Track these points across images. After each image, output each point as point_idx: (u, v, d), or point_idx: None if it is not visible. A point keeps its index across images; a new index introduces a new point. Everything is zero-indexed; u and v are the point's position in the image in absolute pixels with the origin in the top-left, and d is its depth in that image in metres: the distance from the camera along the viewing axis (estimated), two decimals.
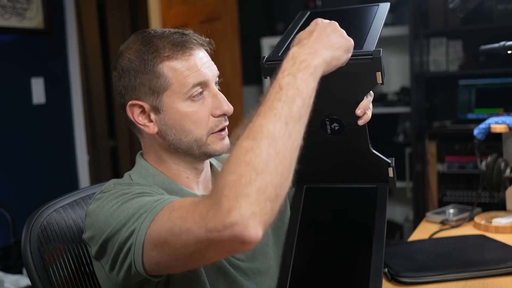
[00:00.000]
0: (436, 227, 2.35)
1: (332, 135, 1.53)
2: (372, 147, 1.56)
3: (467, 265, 1.81)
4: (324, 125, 1.53)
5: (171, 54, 1.42)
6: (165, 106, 1.44)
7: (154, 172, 1.51)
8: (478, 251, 1.95)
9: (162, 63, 1.42)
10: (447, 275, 1.75)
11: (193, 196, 1.49)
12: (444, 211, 2.48)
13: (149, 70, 1.43)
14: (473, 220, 2.36)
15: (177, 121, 1.45)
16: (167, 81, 1.42)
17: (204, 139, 1.46)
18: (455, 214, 2.43)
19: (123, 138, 6.45)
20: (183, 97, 1.43)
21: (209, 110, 1.46)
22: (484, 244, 2.02)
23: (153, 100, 1.45)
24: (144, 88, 1.44)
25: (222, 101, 1.47)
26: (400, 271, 1.78)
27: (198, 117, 1.44)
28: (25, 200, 3.69)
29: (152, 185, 1.43)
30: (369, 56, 1.36)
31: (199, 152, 1.48)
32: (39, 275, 1.48)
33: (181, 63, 1.43)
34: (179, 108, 1.44)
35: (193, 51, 1.44)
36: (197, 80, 1.43)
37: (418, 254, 1.95)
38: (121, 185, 1.39)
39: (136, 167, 1.55)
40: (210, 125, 1.46)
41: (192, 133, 1.45)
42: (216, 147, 1.48)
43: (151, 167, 1.53)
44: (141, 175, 1.51)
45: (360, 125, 1.48)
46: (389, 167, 1.58)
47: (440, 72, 4.14)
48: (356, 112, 1.46)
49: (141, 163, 1.55)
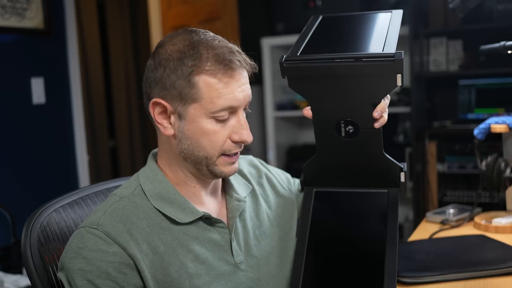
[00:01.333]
0: (436, 227, 2.35)
1: (346, 138, 1.52)
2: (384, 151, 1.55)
3: (467, 265, 1.81)
4: (339, 128, 1.51)
5: (212, 70, 1.39)
6: (188, 116, 1.42)
7: (161, 179, 1.51)
8: (478, 251, 1.95)
9: (200, 74, 1.39)
10: (447, 275, 1.75)
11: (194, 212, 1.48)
12: (444, 211, 2.48)
13: (185, 76, 1.40)
14: (473, 220, 2.35)
15: (195, 134, 1.43)
16: (198, 94, 1.40)
17: (214, 159, 1.45)
18: (455, 214, 2.43)
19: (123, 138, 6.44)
20: (208, 115, 1.41)
21: (229, 133, 1.44)
22: (484, 244, 2.02)
23: (179, 106, 1.42)
24: (174, 92, 1.42)
25: (244, 129, 1.44)
26: (400, 271, 1.77)
27: (216, 137, 1.43)
28: (25, 200, 3.69)
29: (142, 242, 1.40)
30: (391, 58, 1.36)
31: (206, 170, 1.47)
32: (39, 275, 1.48)
33: (218, 82, 1.39)
34: (201, 123, 1.42)
35: (234, 73, 1.40)
36: (227, 104, 1.40)
37: (418, 254, 1.95)
38: (99, 238, 1.37)
39: (146, 168, 1.55)
40: (225, 148, 1.44)
41: (205, 150, 1.44)
42: (224, 169, 1.47)
43: (160, 172, 1.52)
44: (149, 179, 1.51)
45: (376, 128, 1.47)
46: (401, 172, 1.57)
47: (440, 72, 4.13)
48: (373, 115, 1.45)
49: (152, 166, 1.54)
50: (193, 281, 1.42)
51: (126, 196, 1.47)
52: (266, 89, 4.73)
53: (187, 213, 1.47)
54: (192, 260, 1.44)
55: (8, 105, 3.65)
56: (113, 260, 1.34)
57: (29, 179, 3.79)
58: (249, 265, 1.54)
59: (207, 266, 1.46)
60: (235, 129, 1.44)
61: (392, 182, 1.58)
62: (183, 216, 1.46)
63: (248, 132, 1.45)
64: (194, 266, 1.43)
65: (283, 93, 4.90)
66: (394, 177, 1.57)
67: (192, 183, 1.52)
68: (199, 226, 1.49)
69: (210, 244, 1.49)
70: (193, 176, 1.51)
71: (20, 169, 3.73)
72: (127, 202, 1.45)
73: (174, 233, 1.44)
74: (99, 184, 1.78)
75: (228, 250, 1.51)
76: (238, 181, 1.65)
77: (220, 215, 1.55)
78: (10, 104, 3.67)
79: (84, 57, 5.94)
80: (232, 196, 1.58)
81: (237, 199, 1.58)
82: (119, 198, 1.46)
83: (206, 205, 1.54)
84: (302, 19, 4.51)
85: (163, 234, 1.43)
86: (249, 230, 1.59)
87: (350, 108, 1.48)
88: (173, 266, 1.40)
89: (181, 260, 1.42)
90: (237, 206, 1.57)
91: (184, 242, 1.45)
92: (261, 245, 1.60)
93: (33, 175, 3.82)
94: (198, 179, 1.52)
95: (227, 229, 1.53)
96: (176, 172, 1.52)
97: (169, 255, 1.41)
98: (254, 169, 1.75)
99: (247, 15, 4.70)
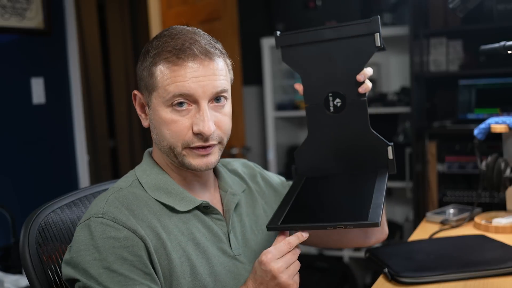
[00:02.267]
0: (436, 227, 2.35)
1: (334, 113, 1.65)
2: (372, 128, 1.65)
3: (467, 265, 1.80)
4: (327, 101, 1.65)
5: (168, 57, 1.42)
6: (152, 105, 1.47)
7: (158, 171, 1.54)
8: (478, 251, 1.94)
9: (158, 63, 1.44)
10: (447, 275, 1.75)
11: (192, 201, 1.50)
12: (444, 211, 2.48)
13: (147, 67, 1.46)
14: (473, 220, 2.35)
15: (157, 124, 1.46)
16: (155, 82, 1.44)
17: (179, 150, 1.46)
18: (455, 214, 2.43)
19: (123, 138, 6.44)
20: (166, 103, 1.44)
21: (190, 125, 1.44)
22: (484, 244, 2.02)
23: (147, 96, 1.48)
24: (142, 83, 1.48)
25: (204, 120, 1.43)
26: (400, 271, 1.77)
27: (175, 127, 1.44)
28: (25, 200, 3.69)
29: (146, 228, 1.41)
30: (369, 20, 1.59)
31: (177, 161, 1.49)
32: (37, 276, 1.48)
33: (170, 70, 1.42)
34: (160, 112, 1.45)
35: (187, 60, 1.42)
36: (178, 91, 1.42)
37: (418, 254, 1.95)
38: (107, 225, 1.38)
39: (142, 163, 1.58)
40: (186, 139, 1.45)
41: (167, 139, 1.46)
42: (193, 161, 1.47)
43: (156, 165, 1.55)
44: (145, 172, 1.53)
45: (360, 92, 1.62)
46: (388, 147, 1.65)
47: (440, 72, 4.13)
48: (357, 78, 1.60)
49: (147, 160, 1.57)
50: (194, 269, 1.43)
51: (124, 187, 1.49)
52: (266, 89, 4.72)
53: (185, 202, 1.49)
54: (193, 248, 1.45)
55: (8, 105, 3.65)
56: (126, 244, 1.36)
57: (29, 179, 3.78)
58: (247, 258, 1.56)
59: (207, 255, 1.47)
60: (195, 120, 1.44)
61: (381, 160, 1.66)
62: (181, 205, 1.49)
63: (207, 123, 1.43)
64: (195, 254, 1.45)
65: (283, 93, 4.90)
66: (382, 155, 1.66)
67: (180, 175, 1.54)
68: (197, 216, 1.51)
69: (210, 234, 1.51)
70: (177, 168, 1.53)
71: (20, 169, 3.73)
72: (126, 192, 1.47)
73: (174, 222, 1.46)
74: (98, 184, 1.78)
75: (226, 242, 1.53)
76: (232, 179, 1.67)
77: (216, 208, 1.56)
78: (10, 104, 3.66)
79: (84, 57, 5.94)
80: (227, 191, 1.61)
81: (231, 193, 1.61)
82: (118, 189, 1.48)
83: (201, 197, 1.56)
84: (302, 19, 4.53)
85: (164, 221, 1.45)
86: (245, 224, 1.61)
87: (336, 78, 1.63)
88: (176, 253, 1.42)
89: (183, 247, 1.44)
90: (232, 199, 1.59)
91: (185, 230, 1.46)
92: (258, 239, 1.62)
93: (33, 175, 3.81)
94: (183, 171, 1.53)
95: (225, 221, 1.55)
96: (166, 164, 1.54)
97: (171, 241, 1.42)
98: (248, 170, 1.79)
99: (247, 15, 4.69)
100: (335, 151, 1.69)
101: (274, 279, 1.34)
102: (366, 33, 1.60)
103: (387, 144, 1.65)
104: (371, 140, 1.65)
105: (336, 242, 1.89)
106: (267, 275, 1.34)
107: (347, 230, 1.77)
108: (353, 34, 1.60)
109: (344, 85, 1.63)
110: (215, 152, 1.49)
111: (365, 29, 1.60)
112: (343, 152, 1.69)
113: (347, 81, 1.62)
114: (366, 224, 1.38)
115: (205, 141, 1.45)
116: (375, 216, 1.38)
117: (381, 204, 1.44)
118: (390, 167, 1.65)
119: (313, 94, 1.68)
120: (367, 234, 1.84)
